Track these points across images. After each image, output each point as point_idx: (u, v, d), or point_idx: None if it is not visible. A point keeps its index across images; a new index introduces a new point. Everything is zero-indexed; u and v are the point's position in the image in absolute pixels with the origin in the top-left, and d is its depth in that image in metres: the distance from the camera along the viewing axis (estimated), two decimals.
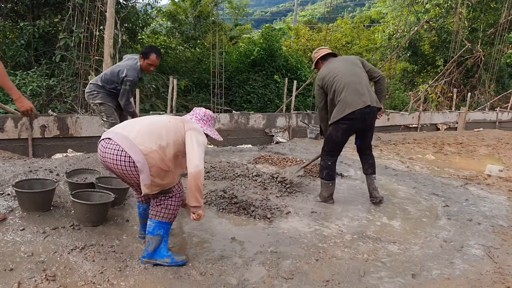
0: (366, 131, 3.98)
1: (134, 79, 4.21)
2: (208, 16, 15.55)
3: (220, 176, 4.55)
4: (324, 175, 3.99)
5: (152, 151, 2.34)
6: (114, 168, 2.41)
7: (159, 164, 2.37)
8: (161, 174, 2.40)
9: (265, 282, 2.47)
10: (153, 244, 2.49)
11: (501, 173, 5.68)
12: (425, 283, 2.60)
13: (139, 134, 2.39)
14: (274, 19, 53.76)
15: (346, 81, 3.74)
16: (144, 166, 2.33)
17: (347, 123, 3.76)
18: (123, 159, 2.34)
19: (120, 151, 2.35)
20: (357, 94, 3.70)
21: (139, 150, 2.33)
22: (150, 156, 2.33)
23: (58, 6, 9.64)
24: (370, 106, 3.71)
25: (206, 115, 2.73)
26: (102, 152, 2.43)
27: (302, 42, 19.02)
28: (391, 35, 17.55)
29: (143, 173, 2.35)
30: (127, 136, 2.38)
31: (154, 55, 4.27)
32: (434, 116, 12.44)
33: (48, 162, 4.50)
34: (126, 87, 4.20)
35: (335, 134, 3.86)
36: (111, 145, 2.39)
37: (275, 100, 13.46)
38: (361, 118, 3.75)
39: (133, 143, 2.34)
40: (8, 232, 2.75)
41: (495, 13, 16.17)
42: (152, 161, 2.34)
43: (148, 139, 2.37)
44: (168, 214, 2.53)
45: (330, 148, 3.96)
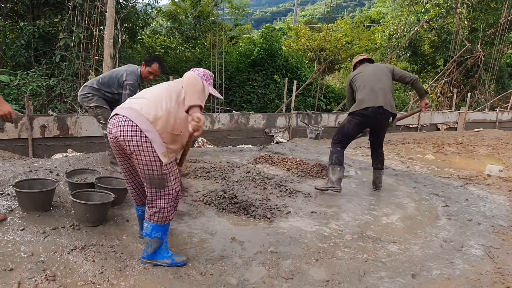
0: (378, 130, 4.44)
1: (134, 84, 4.17)
2: (208, 16, 15.57)
3: (220, 176, 4.55)
4: (334, 159, 4.31)
5: (158, 117, 2.32)
6: (126, 142, 2.32)
7: (169, 130, 2.35)
8: (174, 139, 2.39)
9: (265, 282, 2.47)
10: (152, 246, 2.48)
11: (501, 173, 5.68)
12: (425, 283, 2.60)
13: (144, 104, 2.38)
14: (274, 19, 53.79)
15: (367, 82, 4.24)
16: (155, 135, 2.31)
17: (360, 119, 4.23)
18: (133, 129, 2.30)
19: (128, 121, 2.31)
20: (373, 94, 4.16)
21: (146, 119, 2.31)
22: (157, 123, 2.31)
23: (58, 6, 9.65)
24: (383, 107, 4.13)
25: (205, 74, 2.75)
26: (111, 128, 2.40)
27: (302, 42, 19.03)
28: (391, 35, 17.56)
29: (156, 142, 2.31)
30: (133, 107, 2.37)
31: (157, 64, 4.25)
32: (434, 116, 12.44)
33: (48, 162, 4.50)
34: (127, 91, 4.15)
35: (347, 126, 4.33)
36: (118, 119, 2.37)
37: (275, 100, 13.46)
38: (373, 116, 4.19)
39: (139, 113, 2.33)
40: (8, 232, 2.75)
41: (495, 13, 16.17)
42: (161, 128, 2.32)
43: (154, 106, 2.36)
44: (163, 218, 2.46)
45: (340, 138, 4.37)
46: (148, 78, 4.32)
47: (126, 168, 2.61)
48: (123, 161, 2.57)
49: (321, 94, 13.64)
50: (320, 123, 9.83)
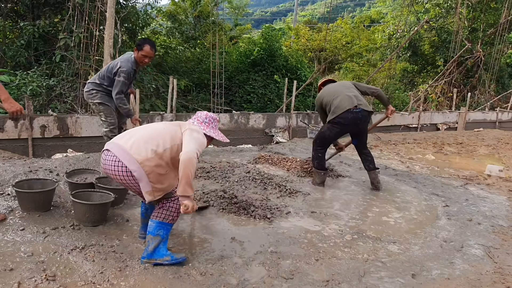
0: (359, 133, 4.57)
1: (128, 70, 4.10)
2: (208, 16, 15.56)
3: (220, 176, 4.55)
4: (316, 165, 4.58)
5: (147, 159, 2.40)
6: (115, 178, 2.50)
7: (156, 170, 2.42)
8: (160, 179, 2.46)
9: (265, 282, 2.47)
10: (153, 244, 2.50)
11: (501, 173, 5.68)
12: (425, 283, 2.60)
13: (135, 143, 2.46)
14: (274, 19, 53.78)
15: (337, 92, 4.41)
16: (141, 174, 2.40)
17: (340, 127, 4.35)
18: (121, 169, 2.42)
19: (117, 161, 2.43)
20: (347, 98, 4.31)
21: (134, 160, 2.39)
22: (145, 164, 2.39)
23: (58, 6, 9.64)
24: (361, 108, 4.25)
25: (208, 117, 2.75)
26: (103, 163, 2.54)
27: (302, 42, 19.02)
28: (391, 35, 17.55)
29: (142, 181, 2.42)
30: (123, 146, 2.46)
31: (148, 46, 4.15)
32: (434, 116, 12.44)
33: (48, 162, 4.50)
34: (120, 78, 4.08)
35: (328, 134, 4.45)
36: (109, 157, 2.48)
37: (275, 100, 13.46)
38: (354, 123, 4.31)
39: (128, 153, 2.42)
40: (8, 232, 2.75)
41: (495, 13, 16.16)
42: (148, 169, 2.40)
43: (144, 147, 2.43)
44: (169, 216, 2.56)
45: (320, 142, 4.55)
46: (143, 62, 4.24)
47: None
48: None
49: None
50: (320, 123, 9.83)
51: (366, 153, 4.64)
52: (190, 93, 13.12)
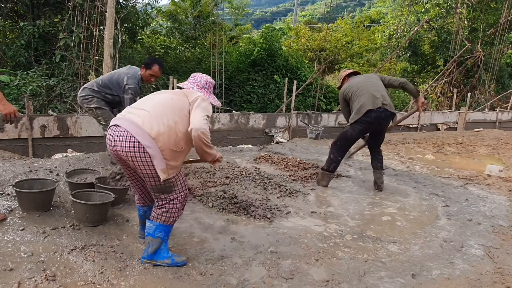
0: (379, 133, 4.53)
1: (135, 87, 4.15)
2: (208, 16, 15.56)
3: (220, 176, 4.55)
4: (331, 168, 4.49)
5: (161, 133, 2.28)
6: (125, 156, 2.32)
7: (170, 146, 2.31)
8: (175, 156, 2.35)
9: (265, 282, 2.47)
10: (154, 246, 2.48)
11: (501, 173, 5.68)
12: (425, 283, 2.60)
13: (146, 117, 2.32)
14: (274, 19, 53.76)
15: (363, 89, 4.30)
16: (156, 151, 2.27)
17: (364, 125, 4.27)
18: (133, 145, 2.26)
19: (129, 137, 2.27)
20: (372, 97, 4.21)
21: (148, 135, 2.26)
22: (159, 139, 2.27)
23: (58, 6, 9.64)
24: (385, 109, 4.19)
25: (208, 82, 2.70)
26: (111, 140, 2.35)
27: (302, 42, 19.03)
28: (391, 35, 17.55)
29: (156, 158, 2.28)
30: (134, 121, 2.31)
31: (157, 66, 4.21)
32: (434, 116, 12.43)
33: (48, 162, 4.50)
34: (128, 95, 4.13)
35: (351, 133, 4.35)
36: (119, 132, 2.31)
37: (275, 100, 13.46)
38: (377, 122, 4.26)
39: (141, 128, 2.27)
40: (8, 232, 2.75)
41: (495, 13, 16.16)
42: (162, 144, 2.28)
43: (156, 121, 2.30)
44: (169, 218, 2.49)
45: (343, 143, 4.45)
46: (149, 81, 4.30)
47: (129, 172, 2.60)
48: (125, 167, 2.56)
49: (321, 94, 13.64)
50: (320, 123, 9.83)
51: (378, 152, 4.62)
52: None
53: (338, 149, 4.47)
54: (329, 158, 4.52)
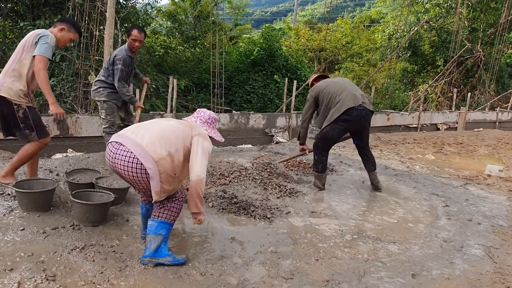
0: (361, 132, 4.46)
1: (123, 56, 4.28)
2: (208, 16, 15.56)
3: (220, 176, 4.55)
4: (320, 169, 4.42)
5: (162, 157, 2.37)
6: (123, 174, 2.43)
7: (168, 171, 2.41)
8: (169, 180, 2.44)
9: (265, 282, 2.47)
10: (155, 243, 2.50)
11: (501, 173, 5.68)
12: (425, 283, 2.60)
13: (150, 140, 2.40)
14: (274, 19, 53.76)
15: (342, 87, 4.26)
16: (155, 173, 2.36)
17: (344, 125, 4.20)
18: (135, 166, 2.36)
19: (132, 157, 2.37)
20: (353, 96, 4.19)
21: (151, 157, 2.35)
22: (160, 163, 2.36)
23: (58, 6, 9.64)
24: (365, 107, 4.18)
25: (210, 117, 2.77)
26: (112, 157, 2.44)
27: (302, 42, 19.03)
28: (391, 35, 17.55)
29: (154, 180, 2.38)
30: (139, 142, 2.39)
31: (136, 30, 4.36)
32: (434, 116, 12.44)
33: (48, 162, 4.50)
34: (118, 66, 4.26)
35: (331, 133, 4.26)
36: (122, 151, 2.40)
37: (275, 100, 13.46)
38: (358, 120, 4.20)
39: (145, 150, 2.36)
40: (8, 232, 2.74)
41: (495, 13, 16.16)
42: (162, 168, 2.37)
43: (159, 145, 2.39)
44: (171, 216, 2.56)
45: (324, 144, 4.38)
46: (135, 47, 4.38)
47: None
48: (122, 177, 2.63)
49: None
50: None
51: (368, 154, 4.57)
52: (190, 93, 13.12)
53: (321, 150, 4.40)
54: (314, 160, 4.47)
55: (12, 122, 3.22)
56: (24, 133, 3.23)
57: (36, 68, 3.16)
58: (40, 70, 3.15)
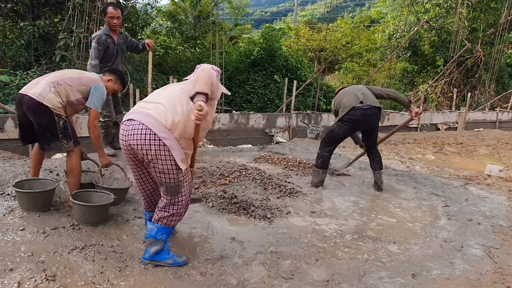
0: (369, 131, 4.51)
1: (97, 36, 4.27)
2: (208, 16, 15.56)
3: (220, 176, 4.55)
4: (319, 164, 4.50)
5: (176, 123, 2.29)
6: (142, 150, 2.29)
7: (185, 135, 2.33)
8: (189, 144, 2.38)
9: (265, 282, 2.47)
10: (155, 247, 2.48)
11: (501, 173, 5.68)
12: (425, 283, 2.60)
13: (160, 110, 2.33)
14: (274, 19, 53.75)
15: (349, 92, 4.48)
16: (173, 142, 2.28)
17: (349, 124, 4.32)
18: (149, 137, 2.26)
19: (146, 129, 2.27)
20: (354, 96, 4.35)
21: (163, 126, 2.27)
22: (175, 130, 2.28)
23: (58, 6, 9.64)
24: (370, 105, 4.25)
25: (214, 69, 2.70)
26: (125, 135, 2.35)
27: (302, 42, 19.04)
28: (391, 35, 17.55)
29: (174, 149, 2.29)
30: (150, 114, 2.32)
31: (110, 7, 4.35)
32: (434, 116, 12.44)
33: (48, 162, 4.50)
34: (92, 45, 4.25)
35: (337, 131, 4.42)
36: (134, 126, 2.31)
37: (275, 100, 13.47)
38: (363, 119, 4.28)
39: (157, 120, 2.28)
40: (8, 232, 2.75)
41: (495, 13, 16.16)
42: (178, 134, 2.29)
43: (170, 112, 2.31)
44: (171, 221, 2.51)
45: (329, 141, 4.49)
46: (113, 24, 4.35)
47: (139, 174, 2.61)
48: (135, 168, 2.57)
49: (321, 94, 13.64)
50: (320, 123, 9.84)
51: (375, 152, 4.61)
52: None
53: (325, 145, 4.50)
54: (317, 154, 4.57)
55: (49, 133, 3.14)
56: (61, 144, 3.19)
57: (93, 125, 3.32)
58: (96, 127, 3.34)
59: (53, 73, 3.30)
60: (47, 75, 3.26)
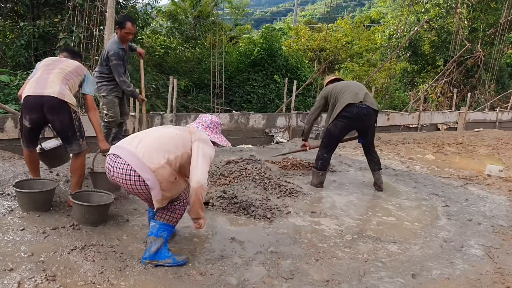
0: (365, 130, 4.50)
1: (115, 51, 4.27)
2: (208, 16, 15.55)
3: (220, 176, 4.55)
4: (319, 165, 4.51)
5: (160, 166, 2.35)
6: (124, 185, 2.42)
7: (168, 178, 2.39)
8: (170, 187, 2.43)
9: (265, 282, 2.47)
10: (156, 245, 2.49)
11: (501, 173, 5.68)
12: (425, 283, 2.60)
13: (146, 150, 2.38)
14: (274, 19, 53.74)
15: (348, 88, 4.40)
16: (154, 183, 2.34)
17: (345, 121, 4.30)
18: (133, 178, 2.35)
19: (129, 170, 2.35)
20: (354, 94, 4.29)
21: (148, 168, 2.33)
22: (158, 172, 2.34)
23: (58, 6, 9.63)
24: (367, 105, 4.25)
25: (212, 122, 2.73)
26: (110, 170, 2.45)
27: (302, 42, 19.01)
28: (391, 35, 17.53)
29: (154, 190, 2.36)
30: (135, 152, 2.37)
31: (129, 23, 4.32)
32: (434, 116, 12.43)
33: None
34: (113, 62, 4.27)
35: (333, 130, 4.39)
36: (119, 164, 2.39)
37: (275, 100, 13.46)
38: (359, 118, 4.27)
39: (141, 161, 2.34)
40: (8, 232, 2.75)
41: (495, 13, 16.15)
42: (161, 177, 2.35)
43: (156, 154, 2.37)
44: (173, 218, 2.55)
45: (328, 141, 4.48)
46: (127, 39, 4.38)
47: None
48: None
49: None
50: (320, 123, 9.81)
51: (373, 153, 4.60)
52: (190, 93, 13.11)
53: (324, 147, 4.51)
54: (317, 156, 4.59)
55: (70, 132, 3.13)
56: (78, 143, 3.18)
57: (93, 107, 3.37)
58: (96, 109, 3.41)
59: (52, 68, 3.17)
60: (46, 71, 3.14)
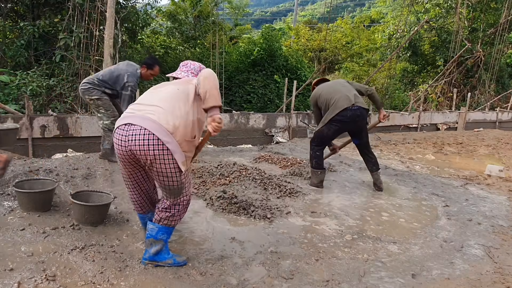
0: (359, 131, 4.51)
1: (135, 85, 4.36)
2: (208, 16, 15.54)
3: (220, 176, 4.54)
4: (314, 164, 4.53)
5: (177, 126, 2.26)
6: (143, 155, 2.24)
7: (186, 137, 2.31)
8: (190, 146, 2.37)
9: (265, 282, 2.47)
10: (156, 247, 2.48)
11: (501, 173, 5.68)
12: (425, 283, 2.60)
13: (160, 113, 2.27)
14: (274, 19, 53.75)
15: (335, 90, 4.42)
16: (175, 145, 2.26)
17: (339, 125, 4.33)
18: (152, 142, 2.20)
19: (147, 134, 2.21)
20: (347, 97, 4.31)
21: (165, 130, 2.23)
22: (176, 133, 2.26)
23: (58, 6, 9.64)
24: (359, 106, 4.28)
25: (201, 68, 2.72)
26: (123, 140, 2.27)
27: (302, 42, 19.01)
28: (391, 35, 17.52)
29: (176, 153, 2.26)
30: (151, 118, 2.25)
31: (158, 67, 4.49)
32: (434, 116, 12.43)
33: (48, 162, 4.50)
34: (128, 92, 4.32)
35: (326, 132, 4.42)
36: (133, 131, 2.24)
37: (275, 100, 13.46)
38: (352, 120, 4.30)
39: (158, 124, 2.23)
40: (8, 232, 2.75)
41: (495, 13, 16.14)
42: (180, 138, 2.27)
43: (171, 115, 2.27)
44: (172, 220, 2.50)
45: (318, 142, 4.53)
46: (149, 79, 4.54)
47: (132, 178, 2.54)
48: (132, 171, 2.49)
49: None
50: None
51: (369, 154, 4.61)
52: None
53: (315, 146, 4.54)
54: (309, 155, 4.61)
55: None
56: None
57: None
58: None
59: None
60: None
